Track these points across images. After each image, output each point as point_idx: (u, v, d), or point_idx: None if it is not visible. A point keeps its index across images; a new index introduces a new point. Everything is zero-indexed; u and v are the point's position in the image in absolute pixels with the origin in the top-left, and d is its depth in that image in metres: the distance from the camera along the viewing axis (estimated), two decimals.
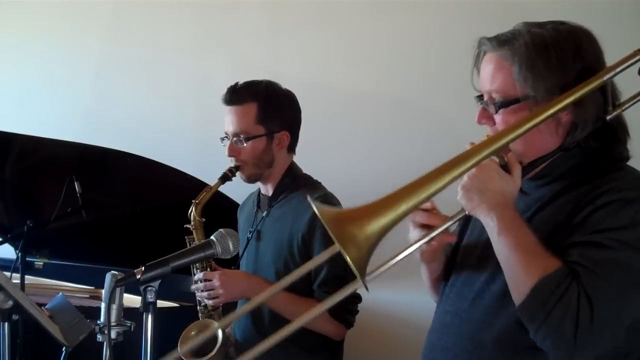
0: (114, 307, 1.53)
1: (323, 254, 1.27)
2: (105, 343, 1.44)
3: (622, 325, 1.21)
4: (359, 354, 2.80)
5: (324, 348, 2.17)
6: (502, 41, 1.36)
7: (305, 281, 2.07)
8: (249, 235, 2.25)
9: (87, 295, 3.19)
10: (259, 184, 2.28)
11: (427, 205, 1.36)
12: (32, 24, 4.00)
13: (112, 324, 1.50)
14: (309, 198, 1.19)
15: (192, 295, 2.22)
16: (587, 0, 2.71)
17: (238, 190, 2.45)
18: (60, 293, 2.07)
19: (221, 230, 1.48)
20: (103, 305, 1.51)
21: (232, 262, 2.21)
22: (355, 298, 2.16)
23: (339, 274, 2.06)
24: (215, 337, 2.13)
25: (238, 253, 2.04)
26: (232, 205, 2.66)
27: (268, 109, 2.16)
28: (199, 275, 2.14)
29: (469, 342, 1.38)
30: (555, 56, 1.30)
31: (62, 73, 3.91)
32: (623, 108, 1.35)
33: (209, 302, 2.16)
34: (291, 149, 2.25)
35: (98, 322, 1.54)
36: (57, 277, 3.35)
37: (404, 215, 1.14)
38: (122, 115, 3.73)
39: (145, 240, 2.83)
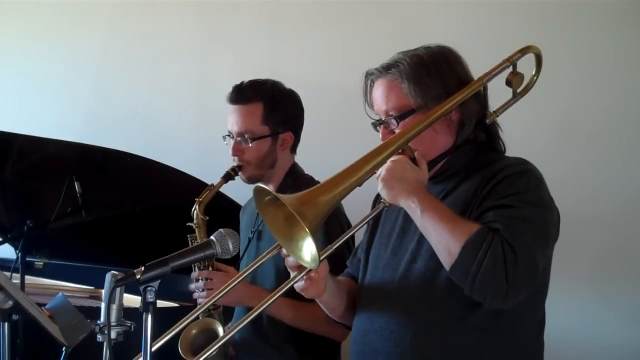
0: (114, 307, 1.53)
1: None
2: (105, 343, 1.44)
3: (538, 268, 1.44)
4: None
5: (321, 349, 2.16)
6: (386, 67, 1.62)
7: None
8: (250, 236, 2.25)
9: (87, 295, 3.19)
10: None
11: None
12: (32, 24, 4.00)
13: (112, 324, 1.50)
14: (266, 187, 1.41)
15: (192, 295, 2.22)
16: (587, 1, 2.72)
17: (240, 190, 2.45)
18: (60, 293, 2.07)
19: (221, 230, 1.48)
20: (103, 305, 1.51)
21: (233, 263, 2.21)
22: None
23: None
24: (217, 338, 2.12)
25: (238, 253, 2.04)
26: (233, 206, 2.66)
27: (274, 110, 2.15)
28: (195, 273, 2.13)
29: (404, 317, 1.56)
30: (434, 69, 1.58)
31: (62, 73, 3.91)
32: (498, 114, 1.65)
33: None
34: (293, 149, 2.24)
35: (98, 322, 1.54)
36: (57, 277, 3.34)
37: (340, 195, 1.43)
38: (122, 115, 3.73)
39: (145, 240, 2.83)
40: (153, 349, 1.31)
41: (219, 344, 1.58)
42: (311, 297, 1.63)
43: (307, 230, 1.32)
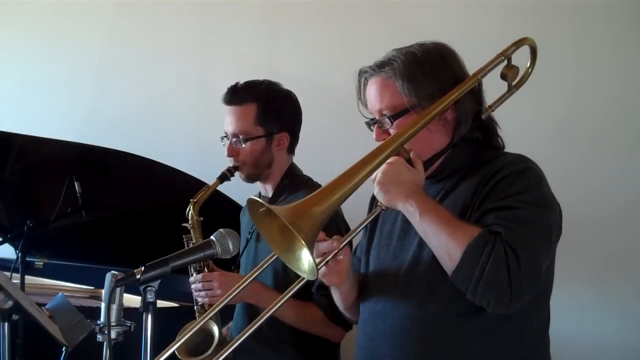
0: (114, 307, 1.53)
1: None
2: (105, 343, 1.44)
3: (542, 271, 1.42)
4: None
5: (320, 350, 2.16)
6: (380, 65, 1.58)
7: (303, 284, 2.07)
8: (249, 236, 2.25)
9: (87, 295, 3.20)
10: (259, 185, 2.27)
11: (320, 236, 1.47)
12: (32, 24, 4.00)
13: (112, 324, 1.50)
14: (258, 199, 1.35)
15: (192, 295, 2.22)
16: (587, 0, 2.72)
17: (239, 190, 2.45)
18: (60, 293, 2.07)
19: (221, 230, 1.48)
20: (103, 305, 1.51)
21: (232, 262, 2.21)
22: None
23: None
24: (212, 337, 2.13)
25: (238, 253, 2.04)
26: (233, 206, 2.66)
27: (268, 110, 2.15)
28: (197, 276, 2.14)
29: (408, 321, 1.53)
30: (428, 67, 1.55)
31: (63, 72, 3.91)
32: (493, 108, 1.60)
33: (207, 302, 2.15)
34: (291, 149, 2.24)
35: (98, 322, 1.54)
36: (57, 277, 3.35)
37: (337, 202, 1.37)
38: (123, 115, 3.73)
39: (145, 240, 2.83)
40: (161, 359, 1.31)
41: (231, 348, 1.54)
42: (333, 284, 1.60)
43: (303, 242, 1.29)
